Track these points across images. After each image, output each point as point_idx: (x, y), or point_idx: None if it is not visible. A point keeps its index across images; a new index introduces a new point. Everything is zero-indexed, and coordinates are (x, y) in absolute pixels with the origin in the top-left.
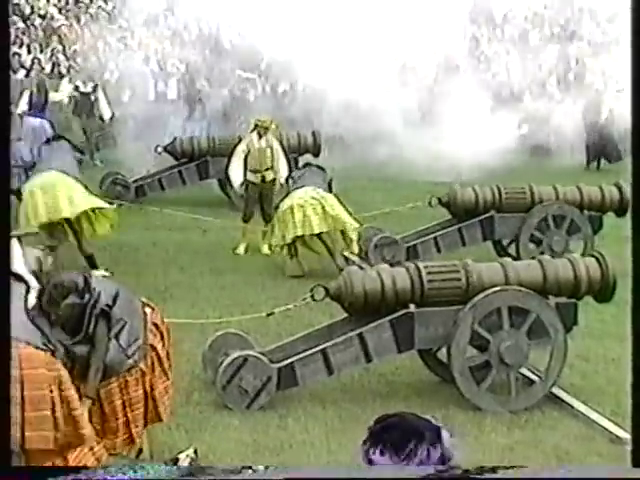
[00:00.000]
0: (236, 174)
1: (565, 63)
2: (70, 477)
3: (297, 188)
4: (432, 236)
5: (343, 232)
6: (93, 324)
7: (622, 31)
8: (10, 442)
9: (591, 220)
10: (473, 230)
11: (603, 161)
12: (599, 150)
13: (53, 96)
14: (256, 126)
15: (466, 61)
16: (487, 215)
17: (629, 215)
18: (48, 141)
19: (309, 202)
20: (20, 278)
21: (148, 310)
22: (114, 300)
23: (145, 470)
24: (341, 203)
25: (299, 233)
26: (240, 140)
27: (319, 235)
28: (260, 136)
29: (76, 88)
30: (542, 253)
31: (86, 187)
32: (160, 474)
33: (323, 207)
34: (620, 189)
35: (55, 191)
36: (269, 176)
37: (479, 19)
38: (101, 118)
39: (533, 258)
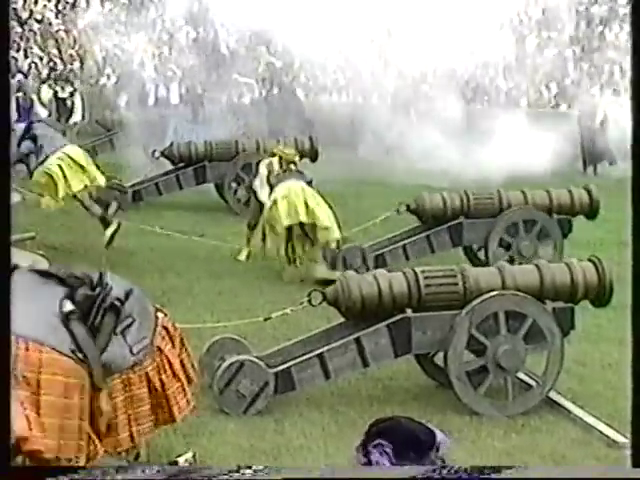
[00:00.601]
0: (265, 196)
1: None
2: (69, 477)
3: (278, 184)
4: (401, 244)
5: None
6: (100, 316)
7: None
8: (10, 442)
9: (560, 224)
10: (442, 236)
11: (599, 166)
12: (595, 155)
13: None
14: (280, 157)
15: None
16: (456, 221)
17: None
18: (28, 130)
19: (292, 192)
20: (62, 281)
21: (160, 315)
22: (126, 296)
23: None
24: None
25: (287, 223)
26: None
27: (305, 232)
28: (280, 165)
29: (55, 93)
30: (512, 258)
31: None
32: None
33: (305, 198)
34: (590, 192)
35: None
36: None
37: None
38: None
39: (511, 261)
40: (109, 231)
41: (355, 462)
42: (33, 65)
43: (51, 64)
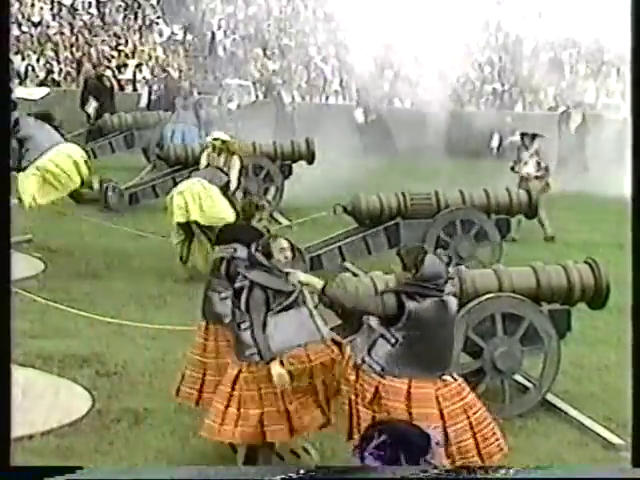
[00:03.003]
0: None
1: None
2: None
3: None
4: (337, 245)
5: None
6: None
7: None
8: (10, 442)
9: (498, 224)
10: (378, 238)
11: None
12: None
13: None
14: (213, 146)
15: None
16: (392, 222)
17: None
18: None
19: (189, 190)
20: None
21: None
22: None
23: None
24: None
25: (178, 220)
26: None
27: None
28: (219, 153)
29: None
30: (450, 259)
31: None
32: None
33: (205, 197)
34: (529, 192)
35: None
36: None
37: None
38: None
39: (449, 263)
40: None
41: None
42: (30, 68)
43: (48, 66)
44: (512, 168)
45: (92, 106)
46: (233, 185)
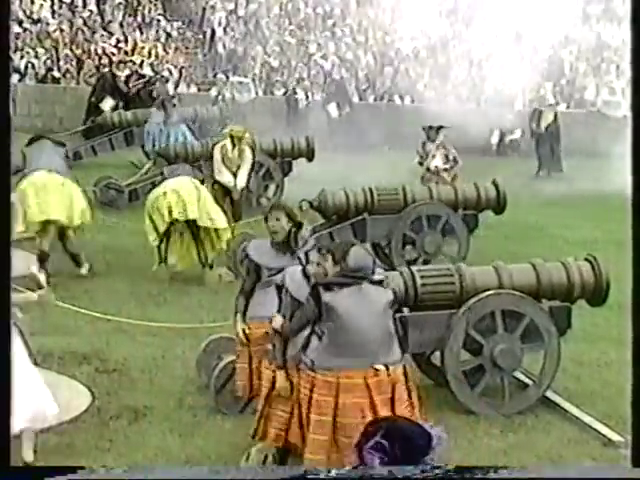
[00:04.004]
0: (228, 178)
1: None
2: (68, 477)
3: (170, 178)
4: None
5: (210, 233)
6: None
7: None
8: (10, 442)
9: (466, 219)
10: (345, 233)
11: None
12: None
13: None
14: (231, 136)
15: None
16: (359, 218)
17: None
18: (30, 143)
19: (184, 187)
20: None
21: None
22: None
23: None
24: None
25: (176, 217)
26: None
27: (193, 233)
28: (234, 145)
29: None
30: (418, 256)
31: (77, 182)
32: None
33: (199, 196)
34: (497, 187)
35: (46, 192)
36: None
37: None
38: None
39: (411, 261)
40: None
41: (351, 462)
42: (29, 65)
43: (48, 64)
44: (420, 163)
45: (108, 104)
46: (244, 180)
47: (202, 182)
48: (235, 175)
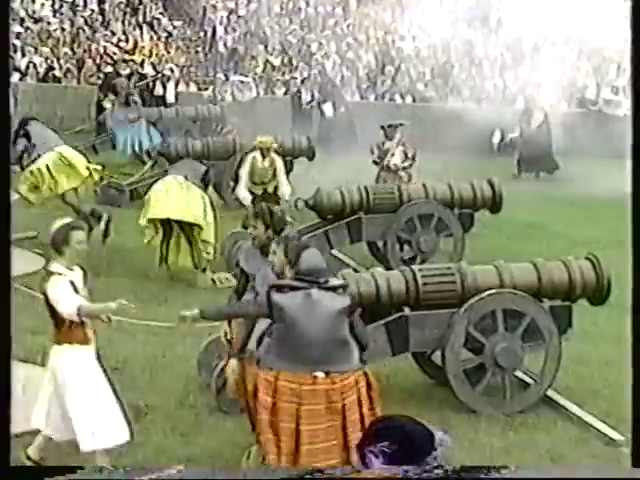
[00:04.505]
0: (244, 194)
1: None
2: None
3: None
4: None
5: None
6: None
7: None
8: (10, 442)
9: (461, 218)
10: (340, 232)
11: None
12: (532, 160)
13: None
14: (260, 149)
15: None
16: (354, 217)
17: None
18: (22, 127)
19: (173, 186)
20: None
21: None
22: None
23: None
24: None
25: (158, 215)
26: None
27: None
28: (264, 156)
29: None
30: (414, 257)
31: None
32: None
33: (186, 196)
34: (492, 185)
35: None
36: (270, 187)
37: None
38: None
39: (408, 260)
40: (102, 224)
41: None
42: (31, 64)
43: (49, 63)
44: (375, 162)
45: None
46: (287, 189)
47: (205, 183)
48: (262, 184)
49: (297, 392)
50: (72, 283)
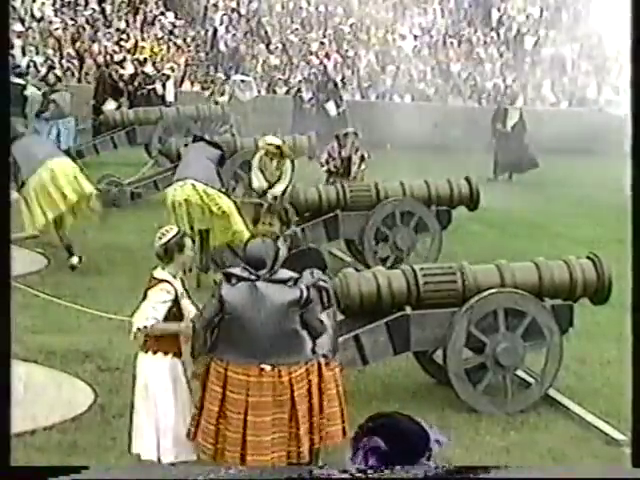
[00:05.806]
0: (258, 184)
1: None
2: (71, 477)
3: (178, 179)
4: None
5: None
6: None
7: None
8: (10, 442)
9: (439, 215)
10: (317, 230)
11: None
12: (508, 162)
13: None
14: (267, 150)
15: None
16: (331, 214)
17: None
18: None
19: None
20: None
21: None
22: None
23: None
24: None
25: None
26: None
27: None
28: (271, 158)
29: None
30: (390, 253)
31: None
32: None
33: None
34: (470, 182)
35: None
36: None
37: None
38: None
39: (387, 259)
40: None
41: (346, 460)
42: (31, 64)
43: (49, 62)
44: (330, 171)
45: (110, 105)
46: (281, 187)
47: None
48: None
49: (244, 384)
50: (176, 292)
